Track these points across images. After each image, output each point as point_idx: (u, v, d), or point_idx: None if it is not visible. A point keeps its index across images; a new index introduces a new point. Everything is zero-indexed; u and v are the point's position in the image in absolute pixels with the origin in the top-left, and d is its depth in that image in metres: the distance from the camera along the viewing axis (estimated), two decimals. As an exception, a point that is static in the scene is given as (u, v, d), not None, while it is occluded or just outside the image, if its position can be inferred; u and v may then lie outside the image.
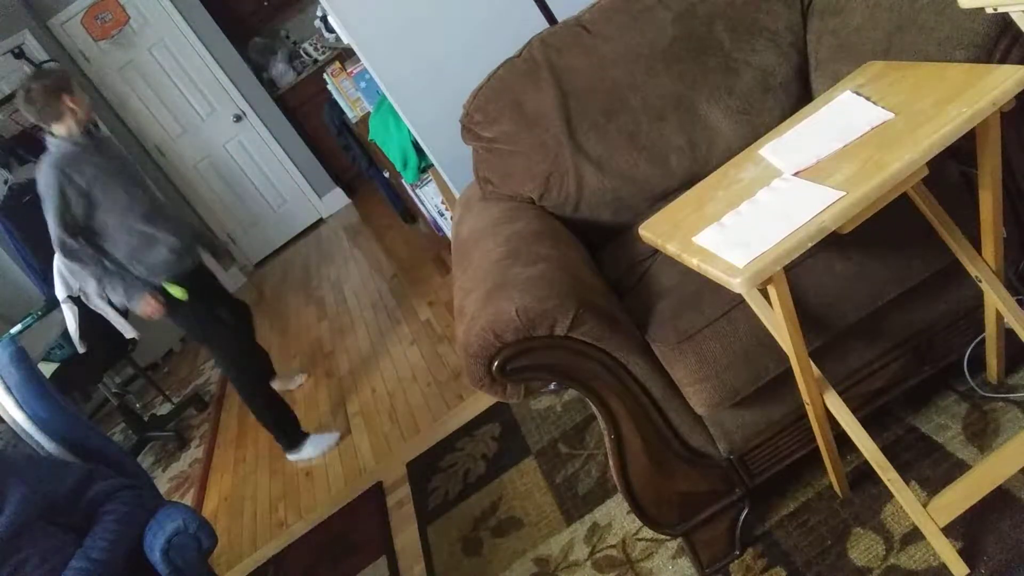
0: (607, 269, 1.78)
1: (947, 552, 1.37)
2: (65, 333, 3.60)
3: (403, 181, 3.93)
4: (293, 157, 6.49)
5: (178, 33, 6.01)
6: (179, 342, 5.71)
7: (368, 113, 3.88)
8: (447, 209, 3.78)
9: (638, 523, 1.86)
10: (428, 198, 3.93)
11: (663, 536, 1.80)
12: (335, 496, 2.84)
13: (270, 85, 6.51)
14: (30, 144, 5.19)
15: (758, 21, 1.85)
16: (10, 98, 5.18)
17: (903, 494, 1.37)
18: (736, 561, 1.66)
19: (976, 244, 1.41)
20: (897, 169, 1.12)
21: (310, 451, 3.16)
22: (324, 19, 4.18)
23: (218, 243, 3.57)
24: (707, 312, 1.45)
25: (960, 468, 1.56)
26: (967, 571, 1.36)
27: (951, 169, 1.48)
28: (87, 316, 3.49)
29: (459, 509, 2.35)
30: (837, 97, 1.38)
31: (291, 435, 3.17)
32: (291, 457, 3.21)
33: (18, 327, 3.90)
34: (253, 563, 2.77)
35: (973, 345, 1.62)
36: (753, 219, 1.21)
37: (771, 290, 1.23)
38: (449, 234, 2.89)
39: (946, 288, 1.54)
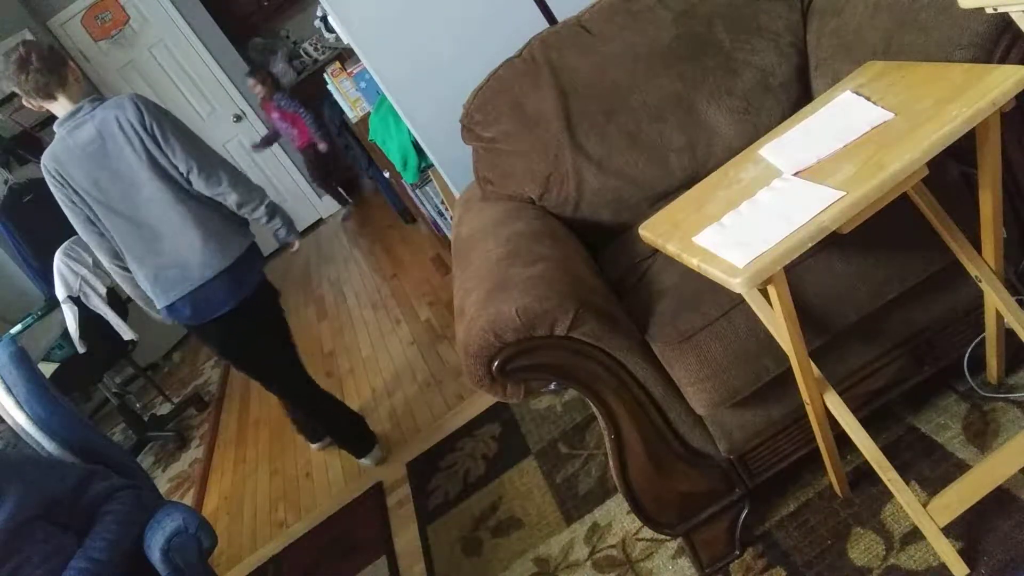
0: (607, 269, 1.78)
1: (947, 552, 1.37)
2: (65, 333, 3.60)
3: (403, 181, 3.93)
4: (293, 157, 6.49)
5: (178, 33, 6.01)
6: (177, 343, 5.71)
7: (368, 113, 3.89)
8: (447, 209, 3.78)
9: (638, 523, 1.86)
10: (428, 198, 3.93)
11: (663, 536, 1.80)
12: (335, 496, 2.84)
13: (270, 85, 6.51)
14: (30, 144, 5.19)
15: (758, 21, 1.85)
16: (10, 98, 5.19)
17: (903, 494, 1.37)
18: (736, 561, 1.66)
19: (976, 244, 1.41)
20: (897, 169, 1.12)
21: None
22: (324, 19, 4.18)
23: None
24: (707, 312, 1.45)
25: (960, 468, 1.56)
26: (967, 571, 1.36)
27: (951, 169, 1.48)
28: (87, 316, 3.50)
29: (459, 509, 2.35)
30: (837, 97, 1.38)
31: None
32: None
33: (18, 327, 3.90)
34: (253, 563, 2.77)
35: (973, 345, 1.62)
36: (753, 219, 1.21)
37: (771, 290, 1.23)
38: (449, 234, 2.88)
39: (946, 288, 1.54)
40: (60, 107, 2.24)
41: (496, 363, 1.39)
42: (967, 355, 1.63)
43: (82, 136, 2.21)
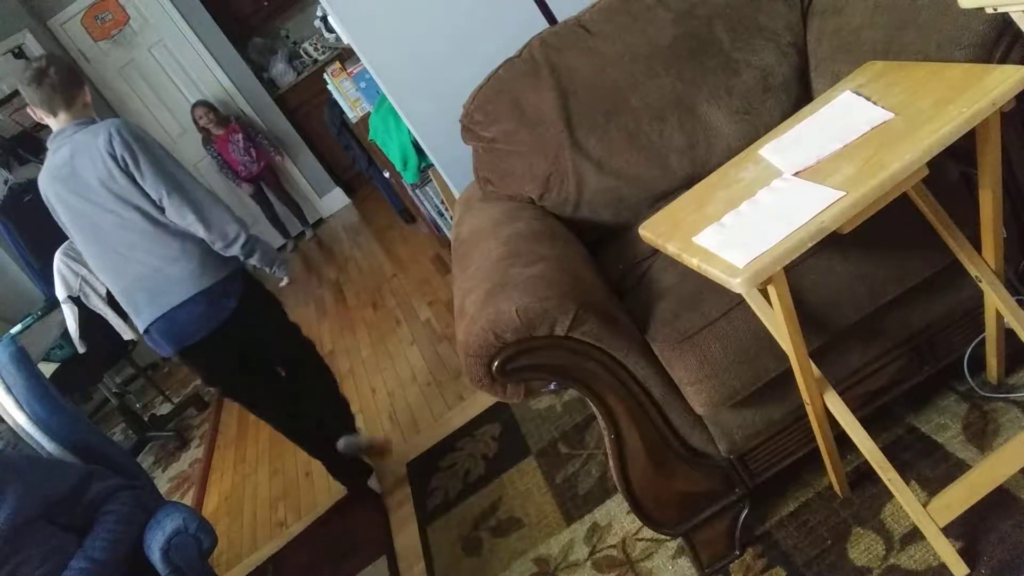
0: (607, 269, 1.78)
1: (947, 552, 1.37)
2: (65, 333, 3.61)
3: (403, 181, 3.93)
4: (293, 157, 6.49)
5: (178, 33, 6.01)
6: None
7: (368, 113, 3.89)
8: (447, 209, 3.78)
9: (638, 523, 1.86)
10: (428, 198, 3.93)
11: (663, 536, 1.80)
12: (335, 496, 2.84)
13: (270, 85, 6.51)
14: (30, 144, 5.20)
15: (758, 21, 1.85)
16: (10, 98, 5.19)
17: (903, 494, 1.37)
18: (736, 561, 1.66)
19: (976, 244, 1.41)
20: (897, 169, 1.12)
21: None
22: (324, 19, 4.18)
23: None
24: (707, 312, 1.45)
25: (960, 468, 1.56)
26: (967, 571, 1.36)
27: (951, 169, 1.48)
28: (87, 316, 3.50)
29: (459, 509, 2.35)
30: (837, 97, 1.38)
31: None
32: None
33: (18, 327, 3.90)
34: (253, 563, 2.77)
35: (973, 345, 1.62)
36: (753, 219, 1.21)
37: (771, 290, 1.23)
38: (449, 234, 2.88)
39: (946, 288, 1.54)
40: (56, 124, 2.25)
41: (496, 363, 1.39)
42: (967, 355, 1.63)
43: (57, 158, 2.23)
